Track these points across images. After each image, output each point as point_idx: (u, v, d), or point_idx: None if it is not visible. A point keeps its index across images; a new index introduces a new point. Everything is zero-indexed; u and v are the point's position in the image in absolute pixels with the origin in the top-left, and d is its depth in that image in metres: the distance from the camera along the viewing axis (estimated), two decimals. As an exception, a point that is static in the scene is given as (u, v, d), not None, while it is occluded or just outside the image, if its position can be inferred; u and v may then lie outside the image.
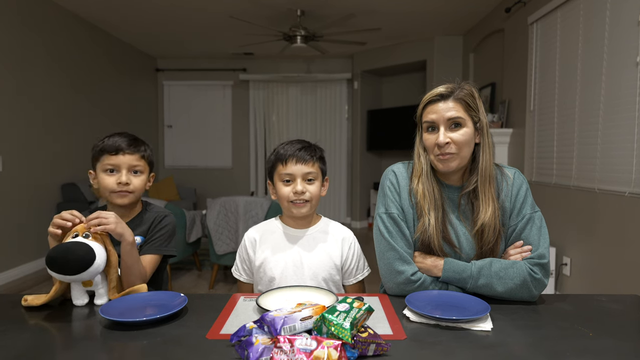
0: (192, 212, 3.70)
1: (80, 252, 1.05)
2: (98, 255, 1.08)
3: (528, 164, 3.68)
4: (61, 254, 1.04)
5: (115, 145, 1.29)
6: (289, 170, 1.27)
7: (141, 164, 1.33)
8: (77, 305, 1.11)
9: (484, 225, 1.18)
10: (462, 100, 1.16)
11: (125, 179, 1.29)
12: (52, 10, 4.18)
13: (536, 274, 1.13)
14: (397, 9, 4.38)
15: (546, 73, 3.40)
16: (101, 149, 1.30)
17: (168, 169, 6.72)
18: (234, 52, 6.14)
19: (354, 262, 1.36)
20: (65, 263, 1.03)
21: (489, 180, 1.20)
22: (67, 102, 4.46)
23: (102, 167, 1.30)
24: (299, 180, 1.27)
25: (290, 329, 0.83)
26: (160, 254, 1.33)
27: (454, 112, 1.16)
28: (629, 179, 2.45)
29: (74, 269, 1.04)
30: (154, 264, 1.31)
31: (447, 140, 1.16)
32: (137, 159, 1.32)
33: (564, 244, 3.14)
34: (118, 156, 1.29)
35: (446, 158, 1.18)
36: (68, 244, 1.07)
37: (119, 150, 1.29)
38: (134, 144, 1.32)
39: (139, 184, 1.32)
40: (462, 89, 1.18)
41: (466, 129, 1.17)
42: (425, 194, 1.21)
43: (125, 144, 1.30)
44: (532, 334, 0.94)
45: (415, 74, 6.16)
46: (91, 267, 1.06)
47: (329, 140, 6.63)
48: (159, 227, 1.35)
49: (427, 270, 1.20)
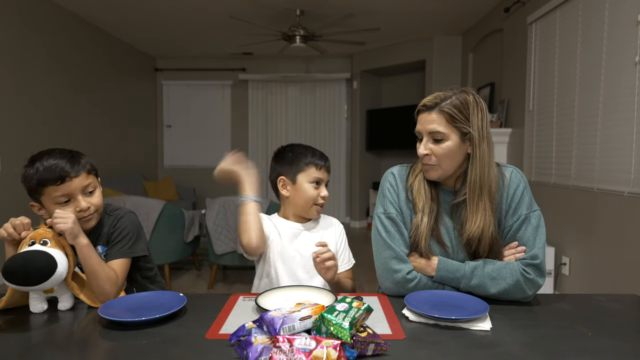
0: (191, 212, 3.70)
1: (40, 262, 0.99)
2: (59, 263, 1.02)
3: (527, 164, 3.68)
4: (20, 266, 0.98)
5: (58, 173, 1.13)
6: (322, 175, 1.38)
7: (91, 180, 1.20)
8: (35, 312, 1.06)
9: (471, 237, 1.17)
10: (445, 113, 1.14)
11: (85, 204, 1.17)
12: (52, 10, 4.18)
13: (529, 274, 1.13)
14: (396, 9, 4.38)
15: (545, 73, 3.40)
16: (41, 181, 1.13)
17: (167, 168, 6.72)
18: (233, 52, 6.13)
19: (343, 247, 1.46)
20: (25, 275, 0.98)
21: (478, 192, 1.16)
22: (67, 102, 4.45)
23: (52, 200, 1.14)
24: (323, 186, 1.39)
25: (290, 328, 0.83)
26: (127, 257, 1.24)
27: (434, 125, 1.15)
28: (627, 178, 2.45)
29: (35, 280, 0.99)
30: (124, 268, 1.22)
31: (426, 152, 1.17)
32: (85, 178, 1.18)
33: (563, 244, 3.14)
34: (65, 184, 1.14)
35: (426, 168, 1.20)
36: (26, 254, 1.00)
37: (64, 178, 1.13)
38: (76, 164, 1.16)
39: (98, 201, 1.21)
40: (455, 98, 1.14)
41: (448, 143, 1.15)
42: (421, 191, 1.22)
43: (68, 168, 1.14)
44: (531, 333, 0.94)
45: (415, 74, 6.16)
46: (53, 276, 1.00)
47: (328, 140, 6.63)
48: (119, 229, 1.26)
49: (421, 269, 1.20)
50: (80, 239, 1.11)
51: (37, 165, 1.14)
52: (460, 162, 1.19)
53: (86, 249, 1.11)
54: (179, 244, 3.56)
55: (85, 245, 1.11)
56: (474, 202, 1.17)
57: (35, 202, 1.20)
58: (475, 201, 1.17)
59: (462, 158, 1.18)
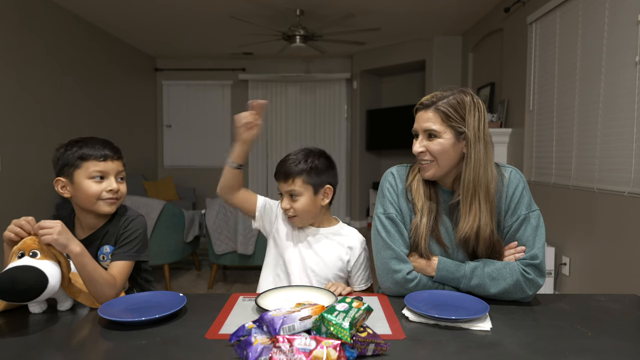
0: (191, 212, 3.70)
1: (29, 281, 0.96)
2: (51, 277, 0.99)
3: (527, 164, 3.68)
4: (8, 285, 0.94)
5: (102, 152, 1.24)
6: (280, 187, 1.36)
7: (124, 170, 1.31)
8: (34, 313, 1.06)
9: (465, 238, 1.17)
10: (440, 111, 1.15)
11: (116, 186, 1.25)
12: (52, 10, 4.18)
13: (529, 274, 1.13)
14: (396, 9, 4.38)
15: (545, 73, 3.40)
16: (84, 155, 1.23)
17: (167, 168, 6.71)
18: (233, 51, 6.13)
19: (361, 272, 1.39)
20: (15, 294, 0.95)
21: (472, 192, 1.16)
22: (67, 102, 4.45)
23: (87, 174, 1.22)
24: (285, 198, 1.35)
25: (289, 328, 0.83)
26: (132, 260, 1.24)
27: (430, 123, 1.16)
28: (627, 178, 2.45)
29: (26, 298, 0.97)
30: (127, 271, 1.22)
31: (421, 149, 1.18)
32: (121, 166, 1.29)
33: (563, 244, 3.14)
34: (107, 162, 1.24)
35: (423, 166, 1.20)
36: (15, 271, 0.96)
37: (107, 157, 1.24)
38: (118, 151, 1.29)
39: (125, 190, 1.29)
40: (452, 98, 1.16)
41: (442, 140, 1.16)
42: (420, 191, 1.23)
43: (111, 151, 1.26)
44: (531, 333, 0.94)
45: (415, 74, 6.16)
46: (44, 291, 0.98)
47: (328, 140, 6.63)
48: (130, 232, 1.27)
49: (421, 269, 1.20)
50: (72, 247, 1.07)
51: (80, 144, 1.25)
52: (455, 162, 1.19)
53: (79, 257, 1.08)
54: (179, 244, 3.56)
55: (78, 254, 1.08)
56: (467, 202, 1.16)
57: (64, 177, 1.24)
58: (468, 201, 1.16)
59: (457, 157, 1.18)
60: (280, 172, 1.34)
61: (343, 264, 1.36)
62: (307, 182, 1.32)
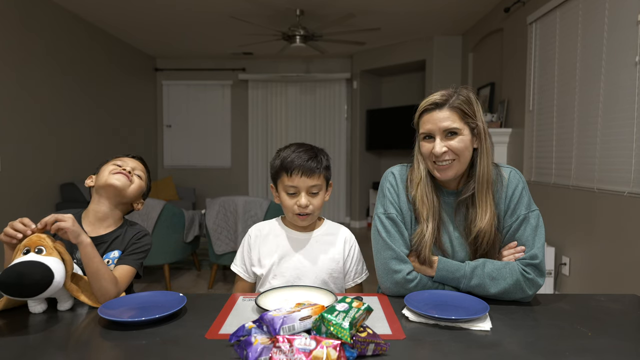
0: (191, 212, 3.70)
1: (36, 276, 0.96)
2: (56, 273, 0.99)
3: (527, 164, 3.68)
4: (15, 280, 0.95)
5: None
6: (294, 182, 1.25)
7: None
8: (34, 313, 1.06)
9: (480, 232, 1.18)
10: (457, 109, 1.15)
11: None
12: (52, 10, 4.18)
13: (529, 274, 1.13)
14: (396, 8, 4.38)
15: (545, 73, 3.40)
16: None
17: (167, 168, 6.71)
18: (233, 51, 6.13)
19: (353, 265, 1.37)
20: (21, 289, 0.96)
21: (486, 186, 1.18)
22: (67, 102, 4.45)
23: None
24: (303, 194, 1.26)
25: (289, 328, 0.83)
26: (136, 267, 1.26)
27: (449, 122, 1.15)
28: (627, 178, 2.45)
29: (32, 293, 0.97)
30: (130, 276, 1.23)
31: (443, 149, 1.15)
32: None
33: (563, 244, 3.14)
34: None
35: (444, 167, 1.18)
36: (21, 267, 0.97)
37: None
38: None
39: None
40: (458, 95, 1.16)
41: (462, 137, 1.16)
42: (424, 201, 1.21)
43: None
44: (531, 333, 0.94)
45: (415, 74, 6.16)
46: (50, 287, 0.98)
47: (328, 140, 6.63)
48: (141, 244, 1.30)
49: (421, 269, 1.20)
50: (83, 237, 1.10)
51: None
52: (469, 158, 1.19)
53: (90, 248, 1.11)
54: (179, 244, 3.56)
55: (88, 244, 1.11)
56: (483, 196, 1.18)
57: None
58: (483, 195, 1.18)
59: (471, 153, 1.19)
60: (300, 168, 1.23)
61: (337, 265, 1.34)
62: (326, 177, 1.31)
